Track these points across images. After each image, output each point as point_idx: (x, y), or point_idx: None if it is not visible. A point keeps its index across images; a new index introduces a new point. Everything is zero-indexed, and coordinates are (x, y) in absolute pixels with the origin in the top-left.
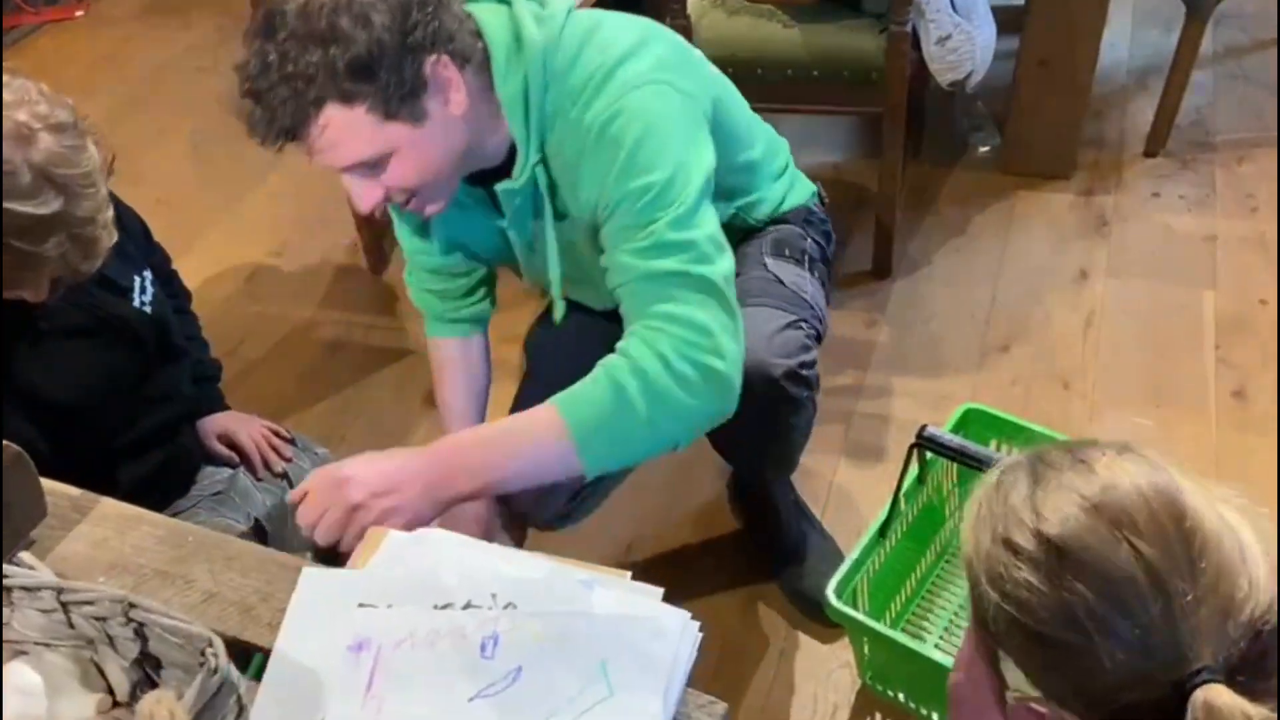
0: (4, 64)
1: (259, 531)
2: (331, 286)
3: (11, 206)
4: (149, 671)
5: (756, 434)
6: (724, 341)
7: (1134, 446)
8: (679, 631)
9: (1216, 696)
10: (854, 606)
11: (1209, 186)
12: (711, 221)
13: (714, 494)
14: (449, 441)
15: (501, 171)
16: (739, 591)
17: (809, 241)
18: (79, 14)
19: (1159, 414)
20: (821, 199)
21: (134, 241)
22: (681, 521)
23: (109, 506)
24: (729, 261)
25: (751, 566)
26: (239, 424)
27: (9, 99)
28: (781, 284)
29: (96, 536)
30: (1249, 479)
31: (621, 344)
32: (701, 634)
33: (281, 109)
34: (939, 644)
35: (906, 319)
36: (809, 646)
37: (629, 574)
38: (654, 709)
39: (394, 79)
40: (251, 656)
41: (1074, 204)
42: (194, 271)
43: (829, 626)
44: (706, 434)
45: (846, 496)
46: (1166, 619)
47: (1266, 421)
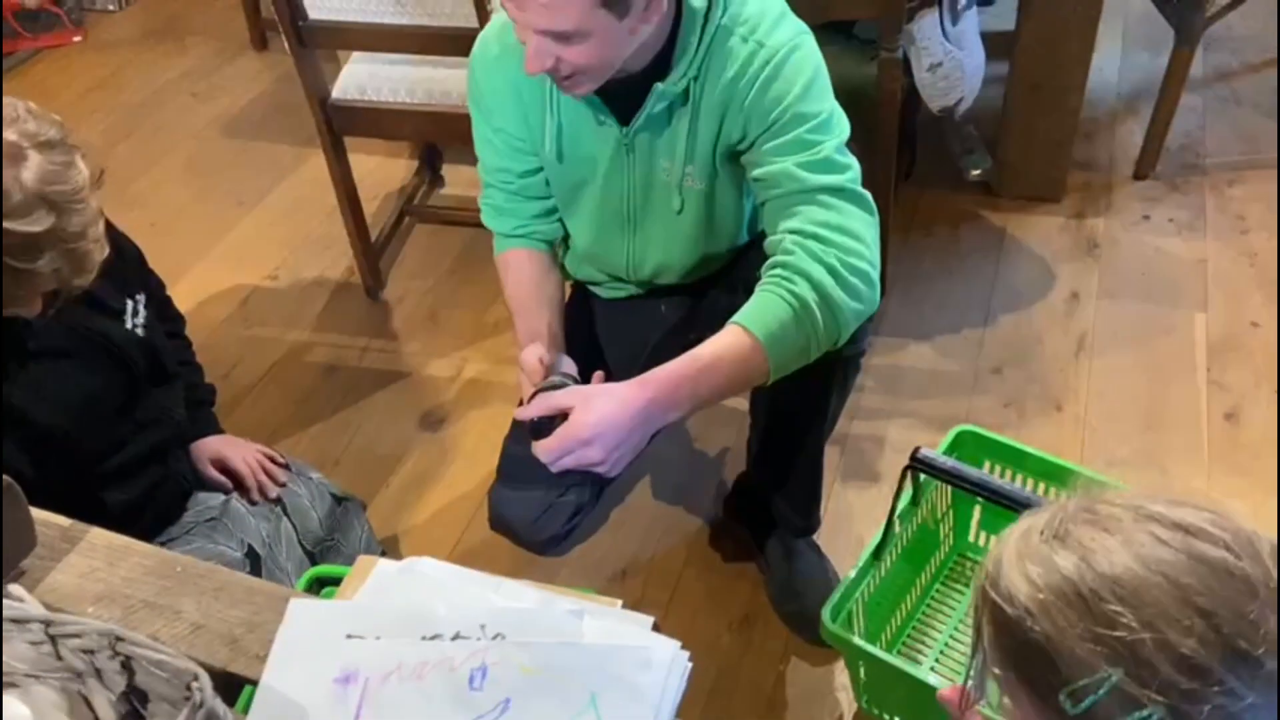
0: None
1: (252, 558)
2: (326, 310)
3: (4, 226)
4: (136, 705)
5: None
6: (875, 250)
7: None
8: (668, 662)
9: None
10: (850, 629)
11: (1199, 209)
12: (856, 161)
13: (709, 518)
14: (660, 378)
15: (632, 82)
16: (734, 614)
17: None
18: (76, 39)
19: (1152, 436)
20: None
21: (128, 265)
22: (677, 545)
23: (98, 537)
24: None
25: (746, 589)
26: (233, 448)
27: None
28: None
29: (85, 567)
30: (1239, 501)
31: (781, 259)
32: (691, 664)
33: None
34: (935, 666)
35: (899, 341)
36: (804, 670)
37: (620, 602)
38: None
39: None
40: (241, 688)
41: (1065, 227)
42: (188, 295)
43: (825, 649)
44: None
45: (841, 519)
46: None
47: (1259, 443)
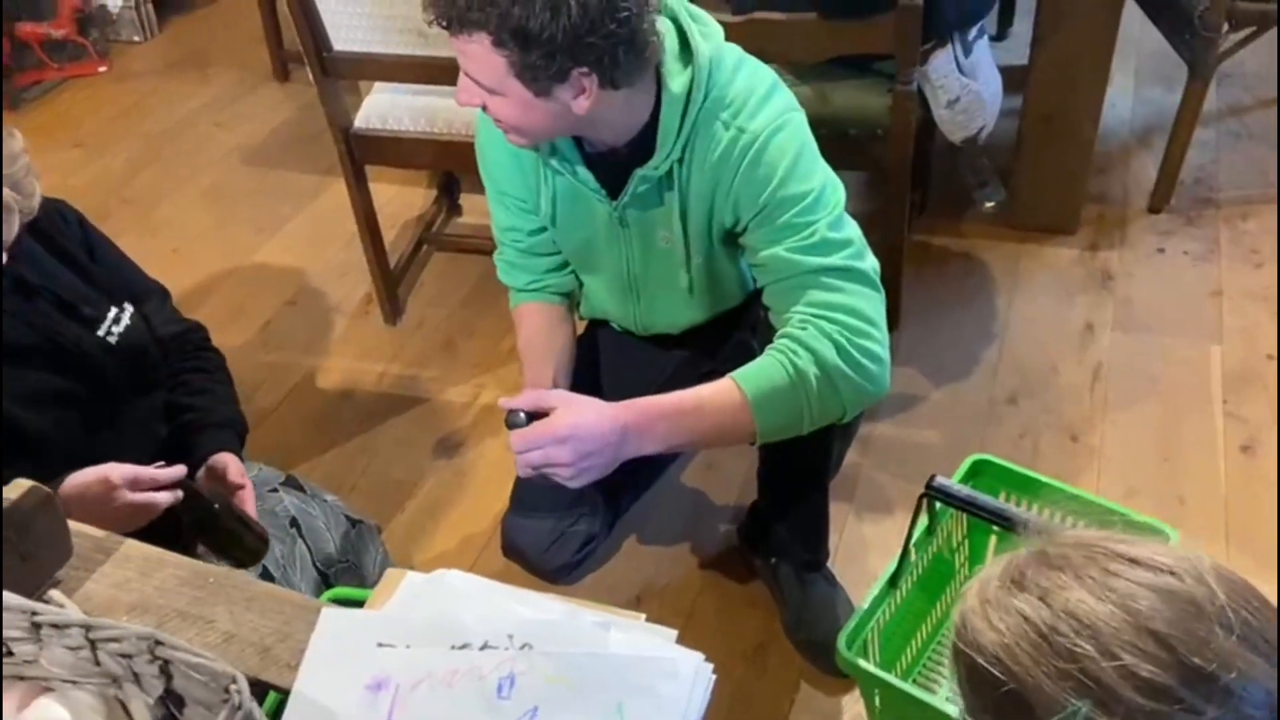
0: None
1: (266, 578)
2: (344, 336)
3: None
4: (172, 709)
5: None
6: (884, 331)
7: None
8: (693, 674)
9: None
10: (864, 657)
11: (1213, 242)
12: (854, 227)
13: (723, 544)
14: (643, 406)
15: (621, 159)
16: (748, 642)
17: None
18: (101, 70)
19: (1168, 468)
20: None
21: (116, 275)
22: (691, 571)
23: (132, 548)
24: (875, 260)
25: (761, 616)
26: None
27: None
28: None
29: (119, 577)
30: (1257, 533)
31: (790, 331)
32: (715, 675)
33: (465, 9)
34: (950, 696)
35: (913, 372)
36: (818, 698)
37: (643, 616)
38: None
39: (540, 62)
40: (266, 696)
41: (1079, 259)
42: (209, 319)
43: (839, 677)
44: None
45: (855, 548)
46: None
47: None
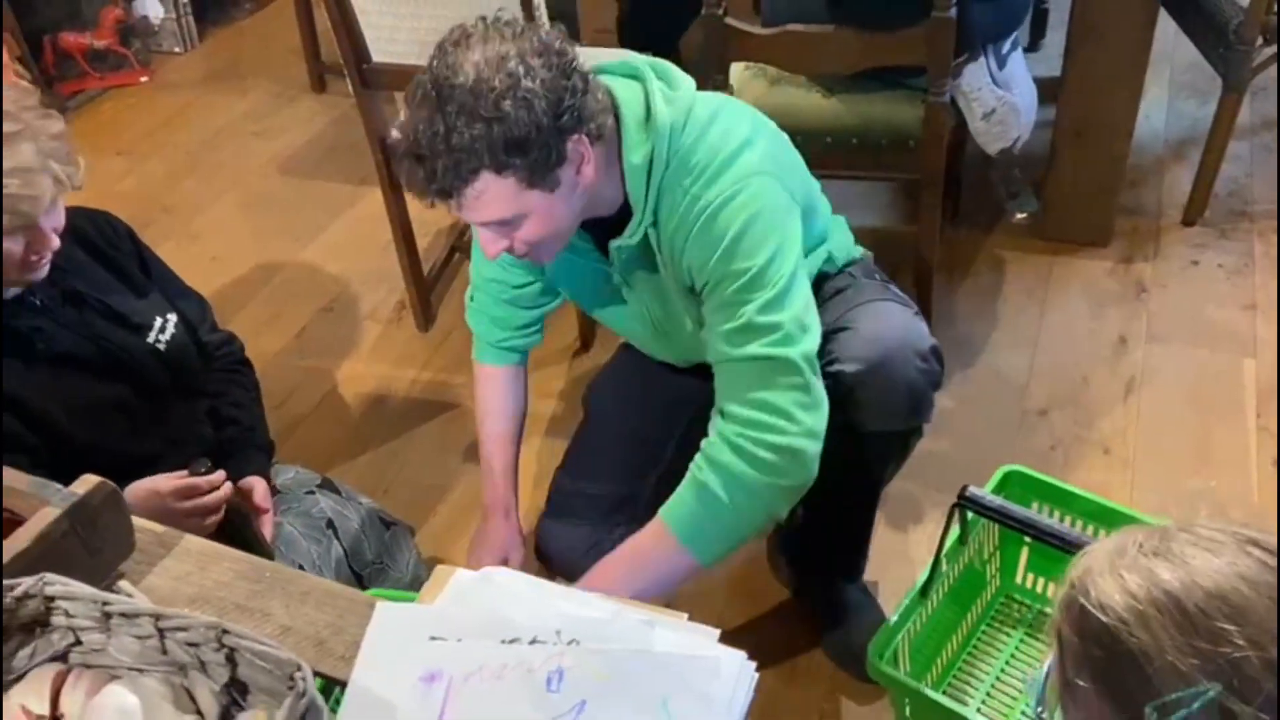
0: (70, 127)
1: None
2: (378, 342)
3: None
4: (236, 696)
5: (905, 415)
6: (800, 416)
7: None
8: (736, 672)
9: None
10: (895, 667)
11: (1248, 255)
12: (799, 302)
13: (753, 553)
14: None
15: (610, 221)
16: (779, 651)
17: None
18: (143, 79)
19: (1200, 481)
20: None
21: (167, 287)
22: (720, 580)
23: (191, 543)
24: (813, 341)
25: (791, 626)
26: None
27: None
28: (889, 287)
29: (180, 571)
30: None
31: (703, 445)
32: (757, 675)
33: (443, 174)
34: (982, 707)
35: (945, 382)
36: (849, 707)
37: (686, 615)
38: None
39: (542, 155)
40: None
41: (1112, 271)
42: (246, 326)
43: (869, 687)
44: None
45: (887, 557)
46: None
47: None
